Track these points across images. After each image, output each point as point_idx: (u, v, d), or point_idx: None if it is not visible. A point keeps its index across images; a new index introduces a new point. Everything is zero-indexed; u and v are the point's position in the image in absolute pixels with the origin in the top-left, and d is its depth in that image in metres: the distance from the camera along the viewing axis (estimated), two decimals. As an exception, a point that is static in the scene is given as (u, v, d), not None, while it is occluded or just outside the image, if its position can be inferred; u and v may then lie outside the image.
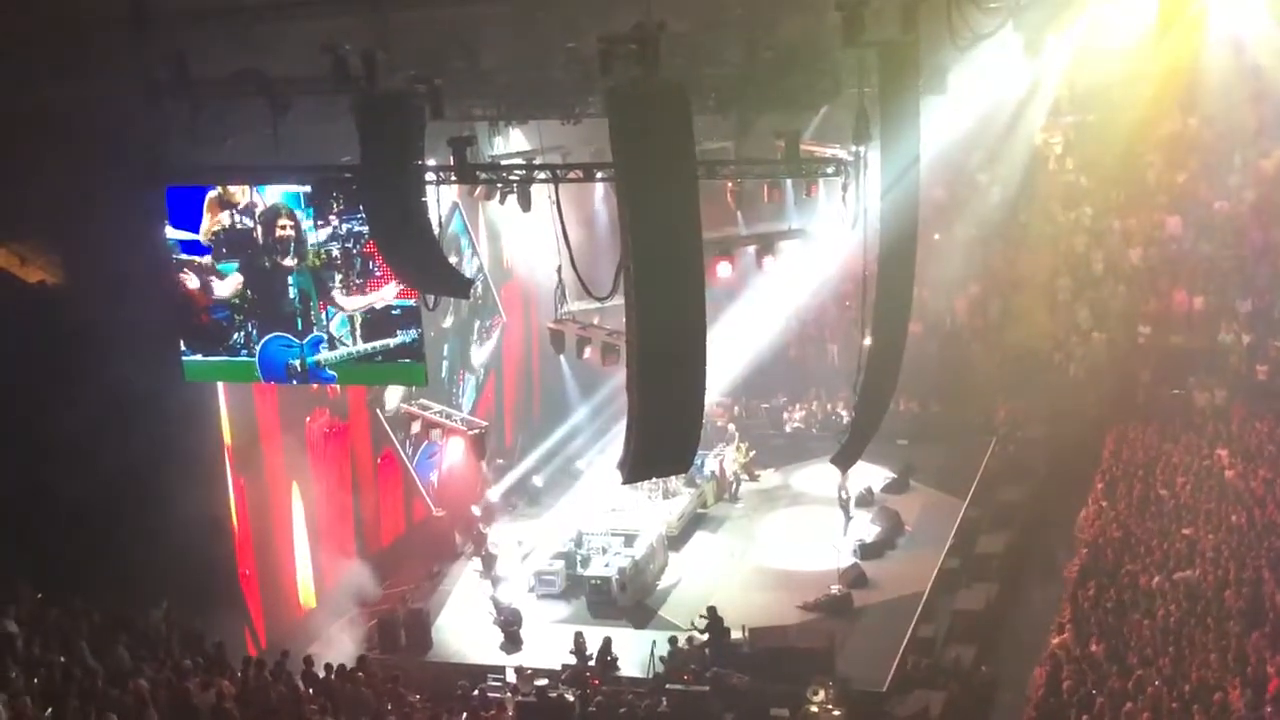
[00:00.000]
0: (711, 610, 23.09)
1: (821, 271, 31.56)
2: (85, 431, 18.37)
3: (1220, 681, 18.48)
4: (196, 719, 16.76)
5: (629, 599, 25.51)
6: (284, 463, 24.51)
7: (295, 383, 22.14)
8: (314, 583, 25.49)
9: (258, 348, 21.58)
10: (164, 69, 17.35)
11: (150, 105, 17.61)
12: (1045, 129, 37.68)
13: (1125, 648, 20.22)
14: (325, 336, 21.50)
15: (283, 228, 21.21)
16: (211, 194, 21.13)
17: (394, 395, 27.88)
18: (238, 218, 21.23)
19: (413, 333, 21.58)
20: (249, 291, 21.35)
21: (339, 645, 23.64)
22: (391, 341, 21.53)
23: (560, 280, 23.23)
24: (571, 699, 21.44)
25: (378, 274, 21.12)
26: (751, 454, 32.11)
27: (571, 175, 21.16)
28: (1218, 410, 31.83)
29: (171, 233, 21.06)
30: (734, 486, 31.21)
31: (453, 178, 20.68)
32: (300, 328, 21.51)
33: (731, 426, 33.80)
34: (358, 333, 21.49)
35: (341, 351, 21.57)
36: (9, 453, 18.60)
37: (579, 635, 23.12)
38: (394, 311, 21.42)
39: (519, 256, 31.82)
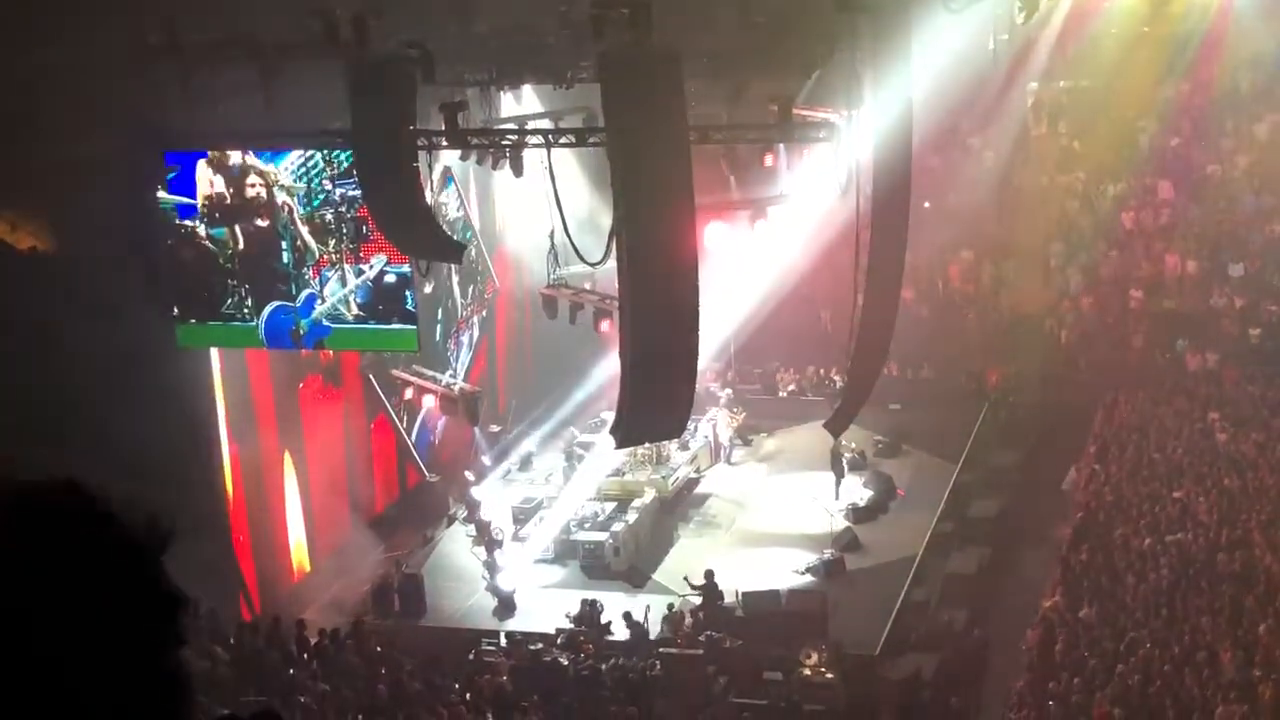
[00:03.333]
0: (709, 574, 23.12)
1: (814, 236, 31.48)
2: (78, 397, 18.35)
3: (1211, 644, 18.58)
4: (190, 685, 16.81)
5: (622, 563, 25.53)
6: (278, 429, 24.49)
7: (297, 347, 22.22)
8: (308, 548, 25.53)
9: (263, 319, 21.59)
10: (155, 34, 17.33)
11: (142, 70, 17.59)
12: (1038, 93, 37.58)
13: (1117, 610, 20.31)
14: (318, 293, 21.50)
15: (251, 186, 21.14)
16: (205, 159, 21.12)
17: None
18: (226, 182, 21.22)
19: (407, 299, 21.61)
20: (241, 254, 21.36)
21: (333, 611, 23.69)
22: (384, 308, 21.56)
23: (553, 245, 23.18)
24: (565, 662, 21.52)
25: (371, 239, 21.11)
26: (741, 415, 32.10)
27: (564, 140, 21.12)
28: (1210, 374, 31.85)
29: (167, 198, 21.04)
30: (727, 451, 31.22)
31: (444, 142, 20.63)
32: (294, 291, 21.53)
33: (728, 391, 33.78)
34: (353, 300, 21.53)
35: (335, 310, 21.63)
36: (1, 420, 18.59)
37: (584, 603, 23.20)
38: (387, 278, 21.43)
39: (512, 221, 31.71)
